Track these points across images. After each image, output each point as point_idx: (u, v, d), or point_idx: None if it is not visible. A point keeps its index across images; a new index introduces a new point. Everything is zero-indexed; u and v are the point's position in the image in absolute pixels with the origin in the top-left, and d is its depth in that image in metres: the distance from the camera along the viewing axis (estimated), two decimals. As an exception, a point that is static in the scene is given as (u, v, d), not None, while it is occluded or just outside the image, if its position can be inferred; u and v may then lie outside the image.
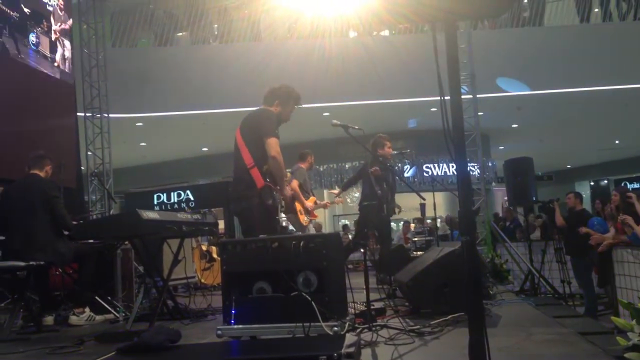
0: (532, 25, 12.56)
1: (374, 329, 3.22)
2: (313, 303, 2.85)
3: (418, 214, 11.68)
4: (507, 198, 8.34)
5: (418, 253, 7.85)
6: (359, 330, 3.22)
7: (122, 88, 10.50)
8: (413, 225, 13.07)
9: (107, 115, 9.55)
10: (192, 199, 10.26)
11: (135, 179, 15.55)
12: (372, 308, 3.54)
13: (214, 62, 11.76)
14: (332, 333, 2.78)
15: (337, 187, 15.53)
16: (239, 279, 3.09)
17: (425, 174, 15.51)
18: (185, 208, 8.91)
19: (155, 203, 10.39)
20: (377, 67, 11.23)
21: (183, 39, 13.19)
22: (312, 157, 6.63)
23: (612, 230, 6.31)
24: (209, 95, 11.95)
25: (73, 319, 4.38)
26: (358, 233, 7.25)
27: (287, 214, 6.28)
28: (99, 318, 4.51)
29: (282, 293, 2.98)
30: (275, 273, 3.01)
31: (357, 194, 9.55)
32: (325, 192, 15.56)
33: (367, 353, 2.79)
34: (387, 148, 6.33)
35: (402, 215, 10.61)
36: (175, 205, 10.20)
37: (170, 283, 4.98)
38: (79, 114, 8.99)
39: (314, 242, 3.01)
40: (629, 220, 5.57)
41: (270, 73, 10.43)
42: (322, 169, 16.17)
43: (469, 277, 1.99)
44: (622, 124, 15.80)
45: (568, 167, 23.64)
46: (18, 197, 4.40)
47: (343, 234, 12.32)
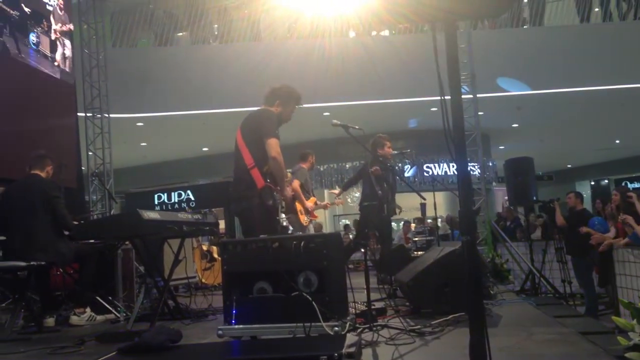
0: (532, 25, 12.55)
1: (375, 329, 3.22)
2: (314, 303, 2.85)
3: (418, 214, 11.69)
4: (507, 198, 8.34)
5: (419, 253, 7.85)
6: (360, 330, 3.22)
7: (122, 88, 10.50)
8: (413, 225, 13.07)
9: (107, 116, 9.55)
10: (192, 199, 10.27)
11: (136, 179, 15.55)
12: (372, 308, 3.54)
13: (214, 62, 11.75)
14: (332, 333, 2.78)
15: (337, 187, 15.54)
16: (240, 279, 3.09)
17: (426, 174, 15.50)
18: (186, 208, 8.92)
19: (156, 203, 10.40)
20: (377, 67, 11.22)
21: (183, 39, 13.19)
22: (313, 157, 6.64)
23: (612, 230, 6.31)
24: (209, 95, 11.94)
25: (74, 319, 4.38)
26: (359, 233, 7.26)
27: (287, 214, 6.29)
28: (100, 318, 4.52)
29: (282, 293, 2.98)
30: (276, 273, 3.01)
31: (357, 194, 9.55)
32: (326, 192, 15.55)
33: (367, 353, 2.79)
34: (387, 148, 6.33)
35: (402, 215, 10.60)
36: (176, 205, 10.21)
37: (171, 283, 5.00)
38: (80, 114, 8.99)
39: (315, 242, 3.01)
40: (630, 220, 5.57)
41: (271, 73, 10.43)
42: (322, 169, 16.17)
43: (470, 276, 1.99)
44: (622, 124, 15.78)
45: (568, 166, 23.62)
46: (19, 197, 4.40)
47: (344, 234, 12.31)
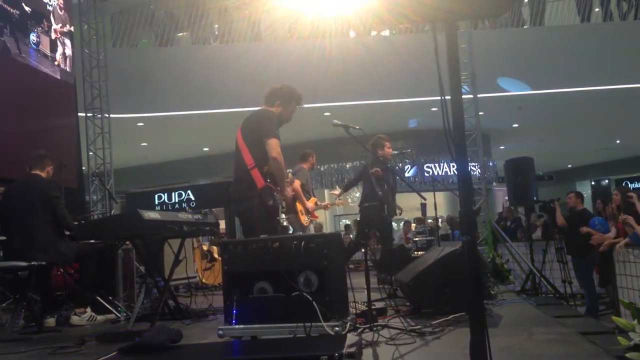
0: (532, 25, 12.55)
1: (375, 329, 3.22)
2: (314, 303, 2.85)
3: (419, 214, 11.69)
4: (507, 198, 8.34)
5: (419, 253, 7.85)
6: (360, 330, 3.22)
7: (122, 88, 10.50)
8: (414, 225, 13.07)
9: (108, 116, 9.56)
10: (193, 199, 10.26)
11: (136, 179, 15.56)
12: (373, 308, 3.54)
13: (215, 62, 11.76)
14: (333, 333, 2.78)
15: (337, 187, 15.54)
16: (240, 279, 3.09)
17: (426, 174, 15.51)
18: (186, 208, 8.91)
19: (156, 203, 10.40)
20: (377, 67, 11.23)
21: (183, 39, 13.19)
22: (313, 157, 6.64)
23: (613, 230, 6.30)
24: (210, 96, 11.95)
25: (74, 319, 4.38)
26: (359, 233, 7.26)
27: (288, 215, 6.28)
28: (100, 318, 4.52)
29: (283, 293, 2.98)
30: (276, 273, 3.01)
31: (357, 194, 9.54)
32: (326, 192, 15.55)
33: (368, 353, 2.79)
34: (386, 148, 6.34)
35: (403, 215, 10.61)
36: (176, 205, 10.20)
37: (172, 283, 5.00)
38: (80, 114, 8.99)
39: (315, 242, 3.01)
40: (630, 220, 5.57)
41: (271, 73, 10.43)
42: (322, 169, 16.18)
43: (470, 277, 1.99)
44: (622, 124, 15.79)
45: (569, 166, 23.62)
46: (19, 197, 4.40)
47: (344, 234, 12.31)
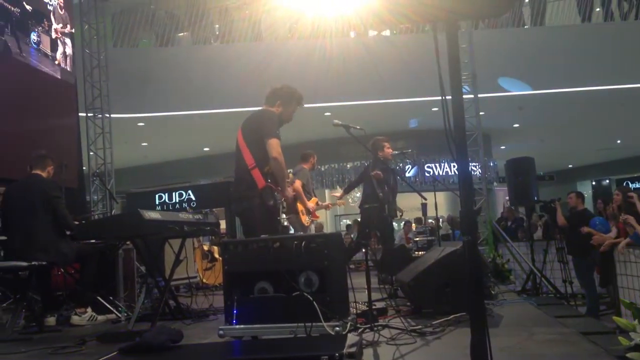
0: (533, 25, 12.54)
1: (376, 329, 3.22)
2: (315, 303, 2.85)
3: (420, 214, 11.68)
4: (508, 198, 8.33)
5: (419, 253, 7.84)
6: (361, 330, 3.22)
7: (123, 88, 10.51)
8: (414, 226, 13.06)
9: (108, 116, 9.56)
10: (193, 199, 10.27)
11: (137, 179, 15.57)
12: (373, 308, 3.53)
13: (215, 62, 11.76)
14: (333, 333, 2.78)
15: (338, 187, 15.55)
16: (241, 279, 3.09)
17: (427, 174, 15.51)
18: (187, 208, 8.94)
19: (157, 203, 10.41)
20: (378, 67, 11.23)
21: (184, 39, 13.20)
22: (314, 157, 6.62)
23: (614, 230, 6.30)
24: (210, 95, 11.96)
25: (75, 319, 4.39)
26: (360, 233, 7.27)
27: (288, 215, 6.28)
28: (101, 318, 4.52)
29: (283, 293, 2.98)
30: (277, 273, 3.01)
31: (358, 194, 9.54)
32: (327, 192, 15.55)
33: (368, 353, 2.79)
34: (386, 149, 6.34)
35: (403, 216, 10.61)
36: (177, 205, 10.21)
37: (172, 283, 5.00)
38: (81, 114, 8.99)
39: (316, 242, 3.01)
40: (631, 220, 5.57)
41: (271, 73, 10.43)
42: (323, 169, 16.18)
43: (471, 277, 1.99)
44: (623, 124, 15.79)
45: (570, 166, 23.61)
46: (19, 197, 4.40)
47: (345, 234, 12.31)
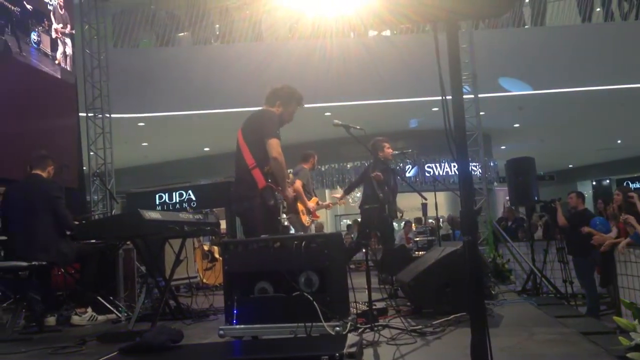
0: (533, 25, 12.54)
1: (376, 329, 3.22)
2: (315, 303, 2.85)
3: (420, 214, 11.67)
4: (508, 198, 8.33)
5: (420, 253, 7.84)
6: (361, 330, 3.22)
7: (123, 88, 10.50)
8: (414, 226, 13.06)
9: (109, 116, 9.55)
10: (193, 199, 10.27)
11: (137, 179, 15.57)
12: (374, 308, 3.54)
13: (216, 62, 11.76)
14: (334, 333, 2.78)
15: (339, 187, 15.55)
16: (241, 279, 3.09)
17: (427, 174, 15.50)
18: (187, 208, 8.94)
19: (157, 203, 10.41)
20: (378, 67, 11.23)
21: (184, 40, 13.19)
22: (315, 158, 6.60)
23: (614, 230, 6.30)
24: (211, 96, 11.96)
25: (75, 319, 4.39)
26: (360, 234, 7.27)
27: (288, 215, 6.28)
28: (101, 318, 4.52)
29: (284, 293, 2.98)
30: (277, 273, 3.01)
31: (358, 194, 9.55)
32: (327, 192, 15.56)
33: (369, 353, 2.79)
34: (386, 149, 6.34)
35: (403, 216, 10.61)
36: (177, 206, 10.22)
37: (172, 283, 5.00)
38: (81, 114, 8.99)
39: (316, 242, 3.01)
40: (631, 220, 5.56)
41: (272, 73, 10.43)
42: (323, 169, 16.16)
43: (471, 276, 1.99)
44: (623, 124, 15.78)
45: (570, 166, 23.60)
46: (20, 197, 4.41)
47: (345, 234, 12.31)
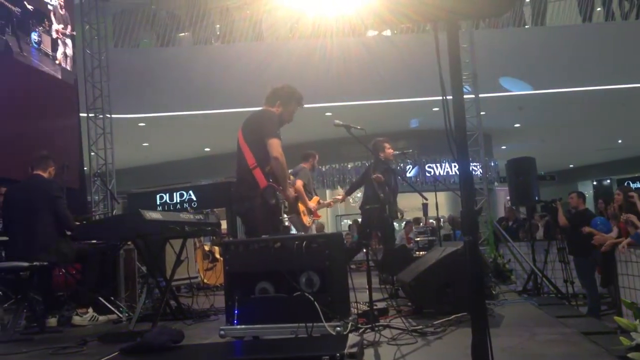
0: (534, 25, 12.53)
1: (377, 329, 3.22)
2: (316, 303, 2.85)
3: (420, 214, 11.67)
4: (509, 198, 8.32)
5: (421, 253, 7.84)
6: (362, 331, 3.22)
7: (124, 88, 10.50)
8: (414, 226, 13.04)
9: (109, 116, 9.56)
10: (194, 200, 10.26)
11: (138, 180, 15.56)
12: (374, 308, 3.54)
13: (216, 62, 11.77)
14: (334, 333, 2.78)
15: (339, 187, 15.54)
16: (242, 279, 3.09)
17: (428, 174, 15.49)
18: (188, 208, 8.92)
19: (158, 203, 10.40)
20: (379, 67, 11.23)
21: (185, 40, 13.20)
22: (315, 158, 6.56)
23: (615, 230, 6.29)
24: (211, 95, 11.96)
25: (76, 320, 4.39)
26: (361, 235, 7.27)
27: (290, 215, 6.27)
28: (102, 318, 4.53)
29: (284, 293, 2.98)
30: (278, 273, 3.01)
31: (359, 194, 9.54)
32: (328, 192, 15.55)
33: (369, 353, 2.79)
34: (387, 150, 6.34)
35: (404, 216, 10.59)
36: (178, 206, 10.20)
37: (173, 283, 4.99)
38: (82, 115, 9.00)
39: (317, 242, 3.01)
40: (633, 218, 5.56)
41: (272, 73, 10.43)
42: (324, 169, 16.15)
43: (472, 277, 1.99)
44: (624, 124, 15.76)
45: (570, 166, 23.58)
46: (21, 197, 4.41)
47: (346, 234, 12.30)
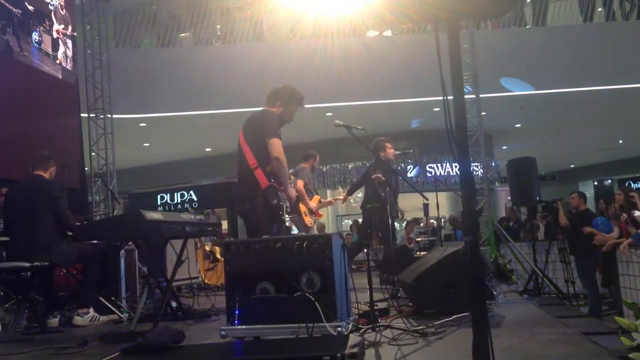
0: (535, 25, 12.52)
1: (378, 330, 3.23)
2: (316, 303, 2.85)
3: (420, 214, 11.67)
4: (510, 198, 8.32)
5: (421, 253, 7.84)
6: (363, 331, 3.22)
7: (125, 89, 10.50)
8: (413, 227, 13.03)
9: (110, 116, 9.56)
10: (195, 200, 10.27)
11: (139, 180, 15.56)
12: (375, 308, 3.53)
13: (217, 62, 11.76)
14: (335, 333, 2.78)
15: (340, 187, 15.54)
16: (243, 280, 3.09)
17: (429, 174, 15.48)
18: (189, 208, 8.93)
19: (159, 204, 10.41)
20: (379, 67, 11.22)
21: (186, 40, 13.20)
22: (316, 158, 6.55)
23: (616, 230, 6.29)
24: (212, 96, 11.96)
25: (77, 320, 4.39)
26: (362, 235, 7.27)
27: (291, 215, 6.27)
28: (103, 318, 4.52)
29: (285, 293, 2.98)
30: (279, 273, 3.01)
31: (360, 194, 9.55)
32: (329, 192, 15.53)
33: (370, 353, 2.79)
34: (388, 149, 6.33)
35: (405, 217, 10.60)
36: (179, 206, 10.22)
37: (174, 283, 5.00)
38: (83, 115, 9.00)
39: (318, 242, 3.01)
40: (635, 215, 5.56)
41: (273, 73, 10.43)
42: (325, 170, 16.13)
43: (473, 277, 1.99)
44: (625, 124, 15.74)
45: (571, 166, 23.56)
46: (21, 198, 4.42)
47: (346, 234, 12.29)
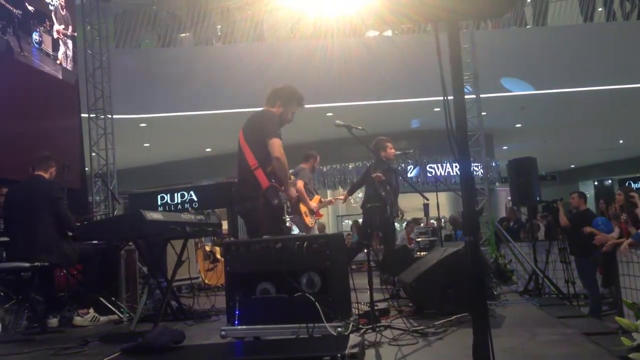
0: (535, 25, 12.52)
1: (378, 330, 3.22)
2: (317, 304, 2.85)
3: (419, 215, 11.66)
4: (510, 198, 8.31)
5: (422, 253, 7.84)
6: (363, 331, 3.22)
7: (125, 89, 10.51)
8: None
9: (110, 116, 9.56)
10: (195, 200, 10.26)
11: (139, 180, 15.56)
12: (375, 308, 3.54)
13: (217, 62, 11.77)
14: (335, 334, 2.78)
15: (340, 188, 15.54)
16: (243, 280, 3.09)
17: (429, 174, 15.48)
18: (189, 209, 8.93)
19: (159, 204, 10.40)
20: (379, 67, 11.21)
21: (186, 40, 13.20)
22: (316, 159, 6.53)
23: (616, 230, 6.29)
24: (212, 96, 11.95)
25: (77, 320, 4.39)
26: (362, 234, 7.27)
27: (292, 215, 6.27)
28: (103, 319, 4.53)
29: (285, 294, 2.98)
30: (279, 274, 3.01)
31: (360, 195, 9.55)
32: (329, 192, 15.53)
33: (370, 354, 2.79)
34: (389, 149, 6.33)
35: (404, 217, 10.59)
36: (179, 206, 10.21)
37: (174, 284, 4.99)
38: (83, 115, 9.00)
39: (318, 242, 3.01)
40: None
41: (273, 73, 10.43)
42: (325, 170, 16.12)
43: (473, 277, 1.99)
44: (625, 124, 15.74)
45: (572, 166, 23.55)
46: (22, 198, 4.42)
47: (346, 234, 12.29)
